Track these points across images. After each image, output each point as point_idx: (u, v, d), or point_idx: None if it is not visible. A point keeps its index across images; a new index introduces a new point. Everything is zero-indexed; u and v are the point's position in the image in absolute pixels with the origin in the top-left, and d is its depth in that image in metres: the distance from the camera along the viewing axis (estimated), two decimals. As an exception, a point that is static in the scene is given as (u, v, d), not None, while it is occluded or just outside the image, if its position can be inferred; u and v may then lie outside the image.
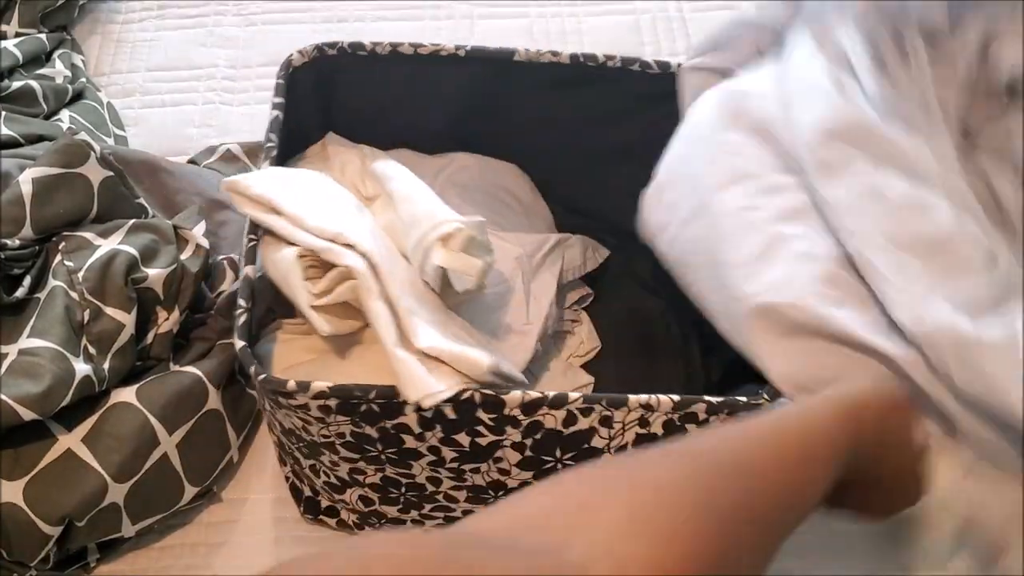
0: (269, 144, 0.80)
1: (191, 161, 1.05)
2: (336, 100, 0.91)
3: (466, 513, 0.77)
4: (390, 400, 0.65)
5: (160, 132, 1.12)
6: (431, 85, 0.90)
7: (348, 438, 0.70)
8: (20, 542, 0.73)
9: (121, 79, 1.18)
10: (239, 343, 0.68)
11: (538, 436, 0.69)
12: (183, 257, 0.84)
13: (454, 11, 1.27)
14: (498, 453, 0.71)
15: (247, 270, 0.72)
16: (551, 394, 0.66)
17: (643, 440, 0.69)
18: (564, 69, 0.87)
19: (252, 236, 0.74)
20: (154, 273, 0.81)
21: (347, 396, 0.65)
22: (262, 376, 0.66)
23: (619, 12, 1.29)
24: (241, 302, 0.70)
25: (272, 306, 0.80)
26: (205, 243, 0.86)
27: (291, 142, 0.87)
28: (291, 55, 0.86)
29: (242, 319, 0.69)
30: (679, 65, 0.84)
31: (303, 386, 0.65)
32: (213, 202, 0.95)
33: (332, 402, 0.66)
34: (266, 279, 0.74)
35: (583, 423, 0.68)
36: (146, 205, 0.90)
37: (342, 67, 0.87)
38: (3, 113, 0.99)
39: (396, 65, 0.88)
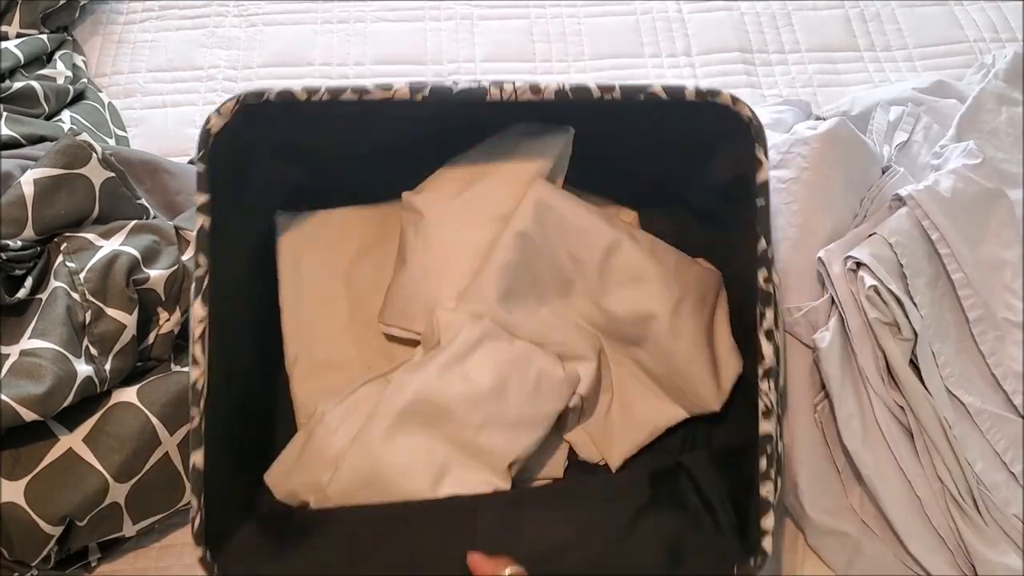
0: (202, 201, 0.67)
1: (192, 162, 1.05)
2: (292, 157, 0.78)
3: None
4: None
5: (161, 133, 1.12)
6: (400, 134, 0.77)
7: None
8: (21, 542, 0.73)
9: (122, 80, 1.18)
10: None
11: None
12: (184, 258, 0.85)
13: (454, 11, 1.28)
14: None
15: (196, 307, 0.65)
16: None
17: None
18: (550, 107, 0.69)
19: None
20: (155, 274, 0.81)
21: None
22: None
23: (619, 12, 1.29)
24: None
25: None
26: (206, 244, 0.86)
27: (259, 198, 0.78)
28: (209, 117, 0.66)
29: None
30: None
31: None
32: (214, 203, 0.95)
33: None
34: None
35: None
36: (147, 206, 0.90)
37: (280, 121, 0.70)
38: (4, 114, 0.99)
39: (348, 112, 0.68)
